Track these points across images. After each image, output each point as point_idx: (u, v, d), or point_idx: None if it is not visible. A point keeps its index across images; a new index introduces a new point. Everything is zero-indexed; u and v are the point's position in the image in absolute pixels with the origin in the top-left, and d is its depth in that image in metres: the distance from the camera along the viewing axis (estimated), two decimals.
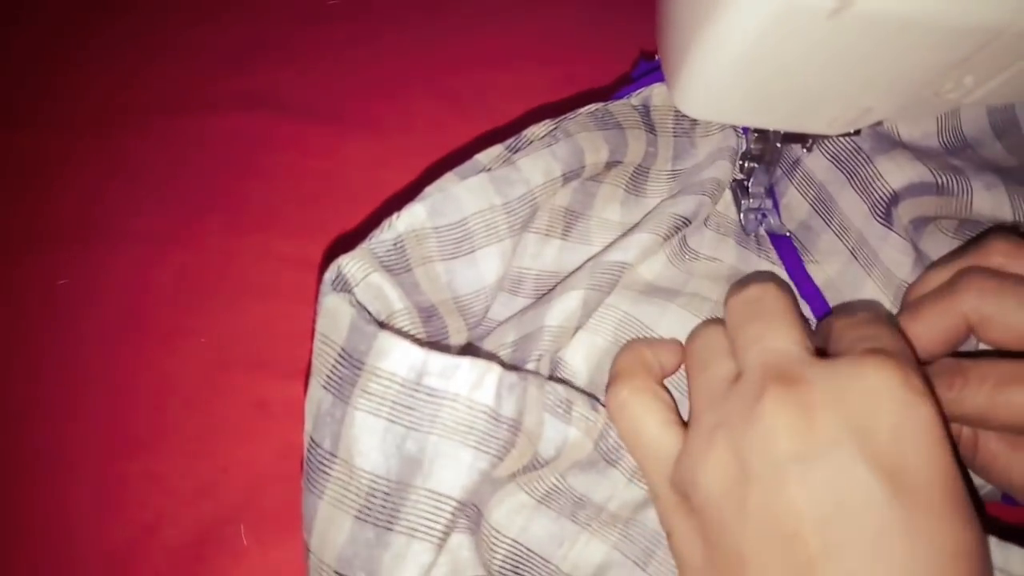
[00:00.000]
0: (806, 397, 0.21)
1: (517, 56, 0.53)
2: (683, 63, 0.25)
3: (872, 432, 0.21)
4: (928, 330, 0.27)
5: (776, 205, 0.35)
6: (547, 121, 0.32)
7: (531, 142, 0.32)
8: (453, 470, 0.23)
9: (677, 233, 0.32)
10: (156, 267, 0.42)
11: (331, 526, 0.24)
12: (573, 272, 0.32)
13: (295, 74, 0.51)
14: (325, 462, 0.25)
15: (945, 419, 0.22)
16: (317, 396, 0.25)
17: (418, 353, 0.23)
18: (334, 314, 0.24)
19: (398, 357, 0.23)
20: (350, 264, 0.26)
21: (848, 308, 0.28)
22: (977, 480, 0.31)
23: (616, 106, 0.34)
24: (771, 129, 0.32)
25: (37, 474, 0.35)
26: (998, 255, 0.27)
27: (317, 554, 0.25)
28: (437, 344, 0.28)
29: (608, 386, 0.27)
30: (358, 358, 0.24)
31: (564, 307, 0.29)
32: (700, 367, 0.26)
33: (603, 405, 0.28)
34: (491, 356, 0.29)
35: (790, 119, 0.28)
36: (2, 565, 0.34)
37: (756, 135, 0.33)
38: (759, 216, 0.34)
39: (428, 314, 0.28)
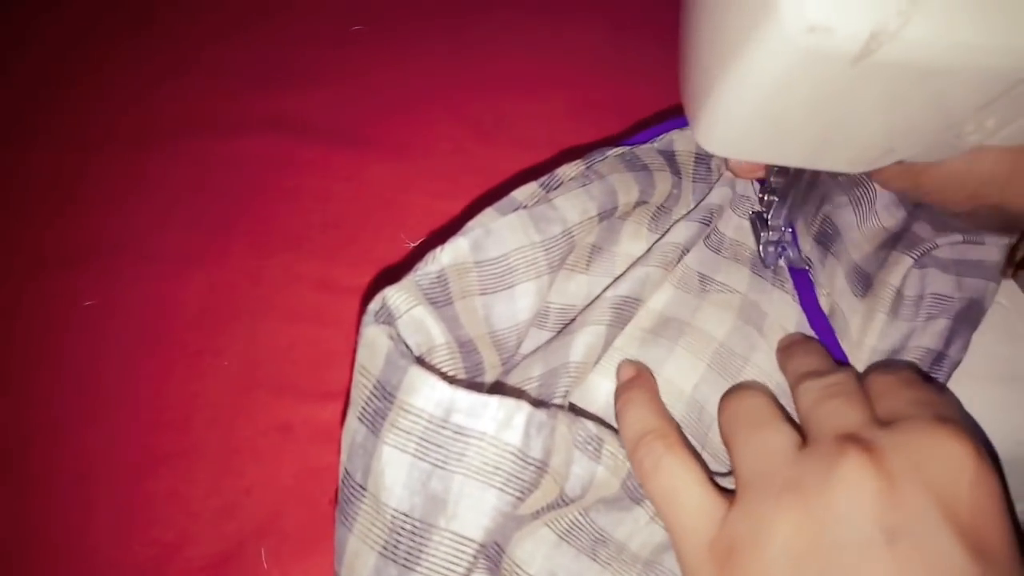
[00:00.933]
0: (886, 464, 0.21)
1: (538, 81, 0.54)
2: (706, 102, 0.26)
3: (953, 502, 0.20)
4: None
5: (795, 238, 0.35)
6: (578, 162, 0.33)
7: (563, 182, 0.32)
8: (477, 511, 0.23)
9: (679, 261, 0.33)
10: (181, 287, 0.43)
11: (357, 560, 0.24)
12: (588, 305, 0.32)
13: (320, 97, 0.52)
14: (356, 494, 0.25)
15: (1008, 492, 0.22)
16: (353, 427, 0.25)
17: (446, 390, 0.23)
18: (372, 345, 0.25)
19: (427, 393, 0.23)
20: (395, 296, 0.26)
21: (884, 366, 0.28)
22: None
23: (642, 150, 0.35)
24: (793, 166, 0.32)
25: (62, 492, 0.36)
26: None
27: None
28: (472, 382, 0.28)
29: (636, 442, 0.26)
30: (390, 391, 0.24)
31: (586, 342, 0.29)
32: (752, 428, 0.25)
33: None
34: (518, 392, 0.29)
35: (811, 158, 0.28)
36: None
37: (777, 169, 0.34)
38: (778, 249, 0.35)
39: (467, 349, 0.28)
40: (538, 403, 0.25)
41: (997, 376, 0.31)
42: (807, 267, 0.34)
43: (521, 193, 0.31)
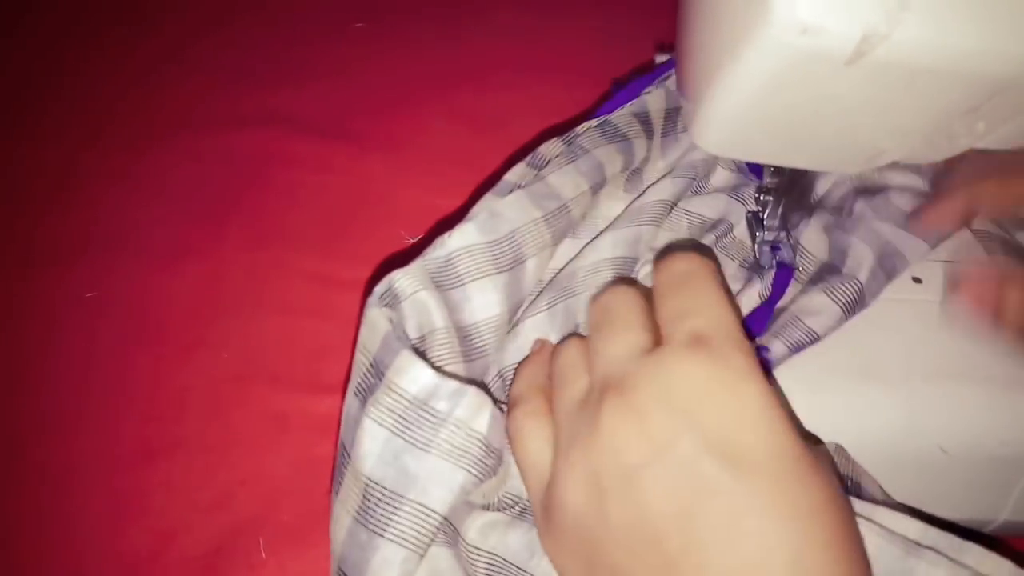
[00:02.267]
0: (638, 402, 0.22)
1: (529, 76, 0.54)
2: (702, 102, 0.26)
3: (704, 421, 0.21)
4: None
5: (789, 237, 0.36)
6: (556, 139, 0.35)
7: (549, 160, 0.34)
8: (445, 488, 0.25)
9: (669, 214, 0.35)
10: (177, 281, 0.43)
11: (337, 523, 0.26)
12: (589, 270, 0.34)
13: (315, 93, 0.52)
14: (343, 462, 0.26)
15: (774, 390, 0.22)
16: (349, 401, 0.27)
17: (431, 376, 0.25)
18: (373, 326, 0.26)
19: (413, 376, 0.25)
20: (402, 279, 0.27)
21: (665, 260, 0.27)
22: (984, 515, 0.32)
23: (618, 117, 0.36)
24: (787, 166, 0.33)
25: (58, 482, 0.36)
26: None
27: (332, 548, 0.27)
28: (472, 359, 0.29)
29: (507, 411, 0.28)
30: (382, 370, 0.25)
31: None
32: (559, 386, 0.26)
33: None
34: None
35: (806, 158, 0.28)
36: (21, 573, 0.34)
37: (772, 170, 0.34)
38: (774, 248, 0.35)
39: (466, 333, 0.29)
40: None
41: (974, 378, 0.31)
42: (795, 267, 0.35)
43: (513, 174, 0.33)
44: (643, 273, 0.34)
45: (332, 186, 0.48)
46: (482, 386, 0.28)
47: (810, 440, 0.27)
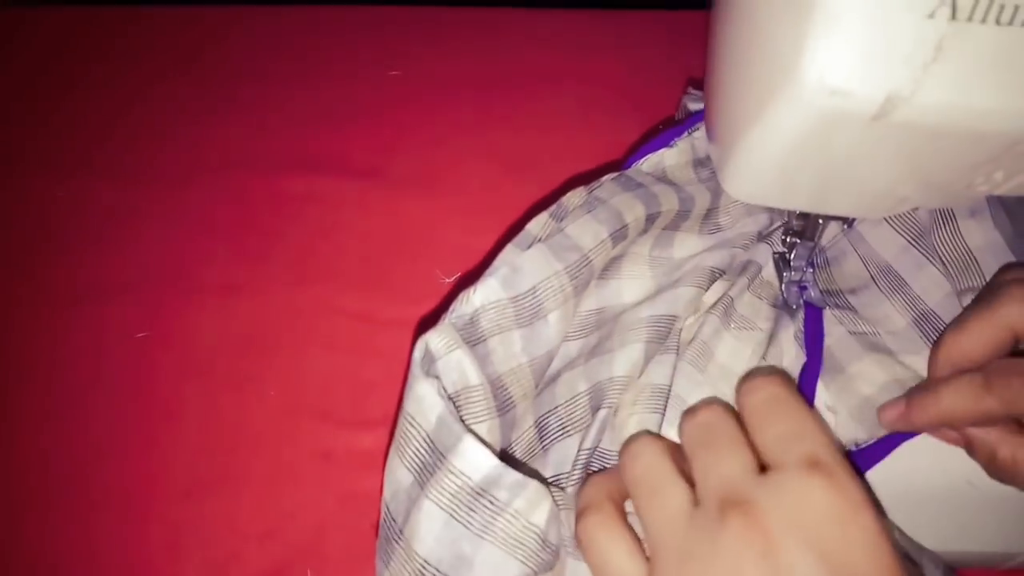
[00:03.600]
0: (764, 525, 0.23)
1: (566, 121, 0.56)
2: (732, 153, 0.28)
3: (828, 549, 0.22)
4: (975, 345, 0.29)
5: (816, 277, 0.37)
6: (580, 189, 0.36)
7: (570, 210, 0.35)
8: (497, 574, 0.26)
9: (713, 282, 0.35)
10: (227, 318, 0.45)
11: None
12: (624, 322, 0.34)
13: (355, 136, 0.54)
14: (395, 536, 0.27)
15: (880, 516, 0.23)
16: (399, 474, 0.28)
17: (494, 466, 0.26)
18: (422, 401, 0.27)
19: (476, 464, 0.26)
20: (435, 340, 0.28)
21: (747, 386, 0.28)
22: (1011, 548, 0.32)
23: (633, 172, 0.37)
24: (812, 212, 0.34)
25: (114, 514, 0.38)
26: None
27: None
28: (507, 453, 0.30)
29: (576, 519, 0.28)
30: (441, 451, 0.26)
31: (628, 357, 0.32)
32: (650, 493, 0.27)
33: None
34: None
35: (832, 205, 0.30)
36: None
37: (798, 213, 0.36)
38: (800, 289, 0.36)
39: (497, 386, 0.30)
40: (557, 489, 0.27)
41: None
42: (824, 306, 0.36)
43: (535, 225, 0.34)
44: (681, 327, 0.35)
45: (371, 226, 0.49)
46: (543, 481, 0.28)
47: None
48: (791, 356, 0.36)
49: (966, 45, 0.21)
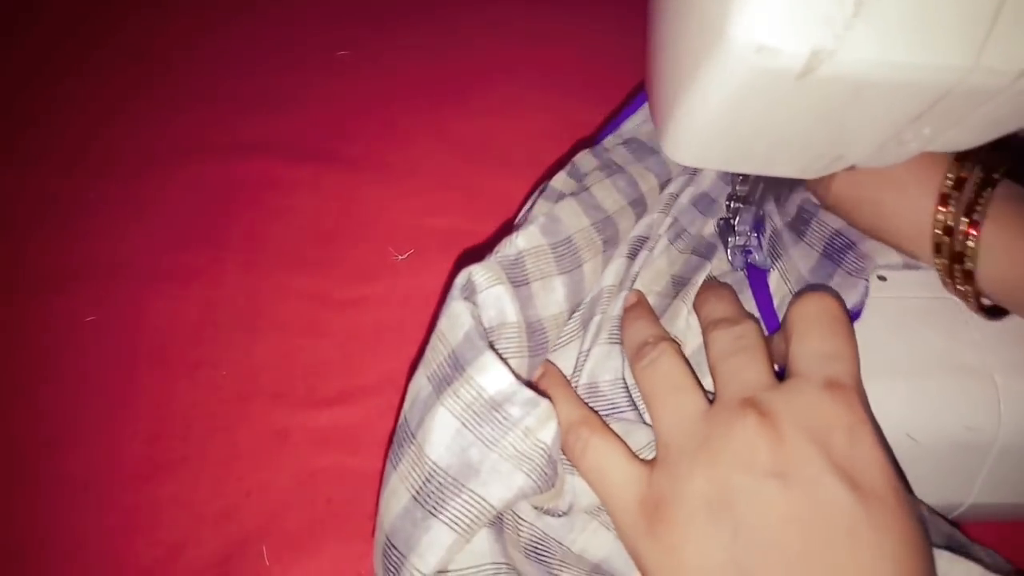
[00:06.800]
0: (777, 423, 0.25)
1: (518, 104, 0.56)
2: (670, 117, 0.28)
3: (833, 449, 0.24)
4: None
5: (760, 242, 0.37)
6: (587, 151, 0.38)
7: (587, 172, 0.37)
8: (503, 486, 0.26)
9: (674, 203, 0.38)
10: (180, 303, 0.44)
11: (393, 496, 0.27)
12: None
13: (307, 119, 0.54)
14: (406, 440, 0.28)
15: (885, 443, 0.25)
16: (420, 383, 0.29)
17: (510, 383, 0.26)
18: (455, 318, 0.28)
19: (493, 377, 0.26)
20: (480, 273, 0.29)
21: (809, 291, 0.30)
22: (952, 500, 0.33)
23: (644, 134, 0.40)
24: (753, 173, 0.35)
25: (69, 499, 0.38)
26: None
27: (380, 516, 0.28)
28: (535, 354, 0.31)
29: (567, 433, 0.29)
30: (463, 364, 0.27)
31: (615, 271, 0.34)
32: (668, 393, 0.28)
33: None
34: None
35: (769, 165, 0.30)
36: None
37: (741, 178, 0.36)
38: (745, 252, 0.37)
39: (534, 329, 0.31)
40: None
41: (938, 367, 0.33)
42: (768, 269, 0.37)
43: (557, 182, 0.36)
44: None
45: (327, 209, 0.49)
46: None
47: None
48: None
49: (886, 0, 0.22)
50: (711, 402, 0.28)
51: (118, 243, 0.47)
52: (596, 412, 0.30)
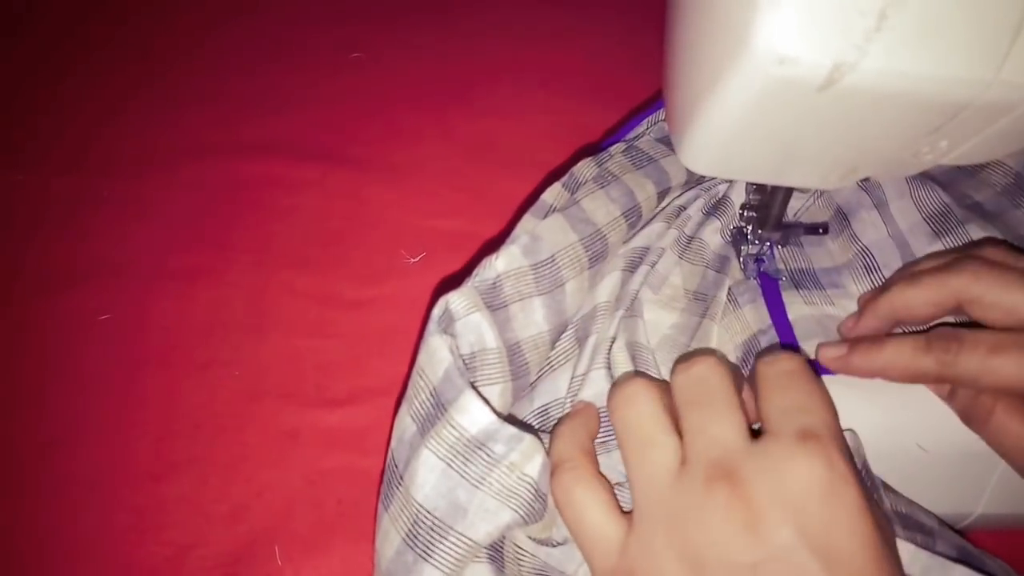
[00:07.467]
0: (749, 495, 0.23)
1: (524, 106, 0.56)
2: (688, 127, 0.28)
3: (807, 522, 0.23)
4: (922, 299, 0.31)
5: (772, 251, 0.38)
6: (589, 159, 0.37)
7: (582, 182, 0.36)
8: (491, 524, 0.26)
9: (679, 216, 0.37)
10: (190, 303, 0.45)
11: (386, 539, 0.27)
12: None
13: (316, 120, 0.54)
14: (395, 481, 0.28)
15: (866, 491, 0.24)
16: (404, 422, 0.28)
17: (491, 421, 0.26)
18: (433, 354, 0.28)
19: (474, 417, 0.26)
20: (456, 301, 0.29)
21: (767, 358, 0.28)
22: (961, 509, 0.34)
23: (643, 143, 0.39)
24: (768, 183, 0.35)
25: (80, 497, 0.38)
26: (992, 253, 0.31)
27: (376, 557, 0.28)
28: (518, 377, 0.31)
29: (551, 474, 0.28)
30: (443, 403, 0.27)
31: (609, 287, 0.34)
32: (639, 444, 0.27)
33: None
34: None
35: (785, 176, 0.30)
36: None
37: (755, 187, 0.36)
38: (757, 262, 0.37)
39: (514, 351, 0.31)
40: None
41: None
42: (781, 278, 0.37)
43: (549, 195, 0.35)
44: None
45: (333, 210, 0.49)
46: (535, 434, 0.29)
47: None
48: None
49: (908, 13, 0.22)
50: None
51: (123, 243, 0.47)
52: (591, 445, 0.29)
